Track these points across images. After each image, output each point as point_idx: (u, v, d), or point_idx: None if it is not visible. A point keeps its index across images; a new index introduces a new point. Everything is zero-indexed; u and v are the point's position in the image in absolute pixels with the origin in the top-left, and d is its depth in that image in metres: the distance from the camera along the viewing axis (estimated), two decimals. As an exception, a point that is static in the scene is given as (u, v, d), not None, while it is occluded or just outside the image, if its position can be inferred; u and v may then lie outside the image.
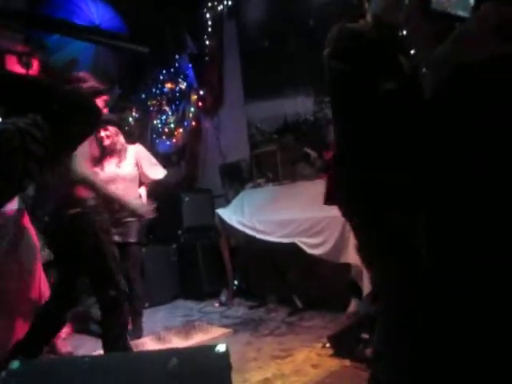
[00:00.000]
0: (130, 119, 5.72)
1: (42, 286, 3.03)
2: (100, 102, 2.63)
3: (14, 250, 2.90)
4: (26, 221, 3.05)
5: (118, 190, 3.27)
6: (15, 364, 1.26)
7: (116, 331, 2.35)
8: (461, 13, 1.45)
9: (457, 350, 1.36)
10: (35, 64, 5.20)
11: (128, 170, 3.42)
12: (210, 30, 5.19)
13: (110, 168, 3.36)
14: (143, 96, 5.95)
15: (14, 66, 5.15)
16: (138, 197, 3.41)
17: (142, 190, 3.53)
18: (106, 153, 3.37)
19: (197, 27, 5.30)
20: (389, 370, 1.57)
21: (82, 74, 2.71)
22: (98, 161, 3.29)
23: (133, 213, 2.80)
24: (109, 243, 2.46)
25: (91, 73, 4.97)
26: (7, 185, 0.71)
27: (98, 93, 2.56)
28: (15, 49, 5.14)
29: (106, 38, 5.01)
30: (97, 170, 3.20)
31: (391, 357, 1.58)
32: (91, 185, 2.45)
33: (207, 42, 5.23)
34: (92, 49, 5.16)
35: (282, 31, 4.34)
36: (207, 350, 1.28)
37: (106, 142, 3.35)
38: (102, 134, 3.36)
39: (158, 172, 3.60)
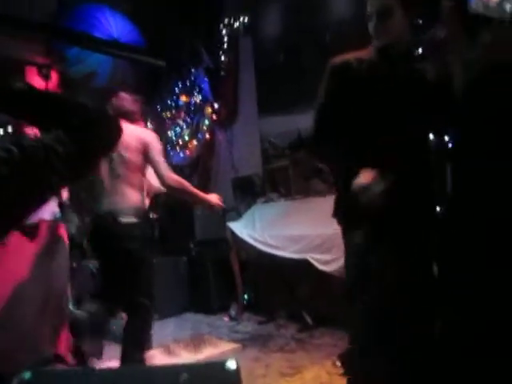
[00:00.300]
0: (145, 131, 5.79)
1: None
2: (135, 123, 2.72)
3: (49, 260, 2.93)
4: (62, 231, 3.09)
5: None
6: (26, 374, 1.26)
7: (140, 339, 2.41)
8: (497, 15, 1.46)
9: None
10: (54, 76, 5.31)
11: None
12: (226, 45, 5.26)
13: None
14: (158, 108, 6.02)
15: (34, 78, 5.27)
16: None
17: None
18: None
19: (213, 42, 5.38)
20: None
21: (122, 95, 2.79)
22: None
23: (210, 206, 2.70)
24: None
25: (109, 84, 5.09)
26: (31, 199, 0.73)
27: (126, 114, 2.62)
28: (35, 60, 5.26)
29: (124, 51, 5.11)
30: None
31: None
32: (185, 187, 2.58)
33: (223, 57, 5.29)
34: (110, 61, 5.26)
35: (296, 47, 4.38)
36: (217, 366, 1.26)
37: None
38: None
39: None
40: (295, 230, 3.53)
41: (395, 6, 1.65)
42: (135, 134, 2.50)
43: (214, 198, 2.64)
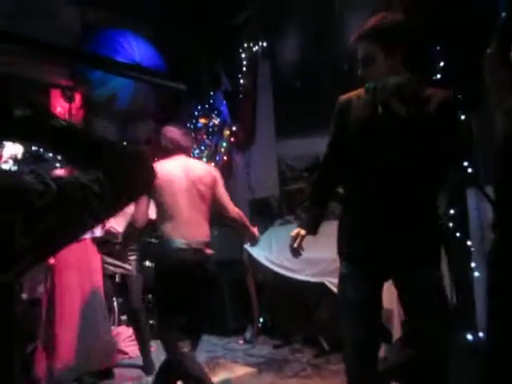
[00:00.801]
0: (164, 152, 5.88)
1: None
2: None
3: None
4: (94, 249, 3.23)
5: (119, 221, 3.42)
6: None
7: None
8: None
9: None
10: (78, 98, 5.46)
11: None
12: (244, 68, 5.36)
13: None
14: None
15: (58, 99, 5.43)
16: None
17: None
18: None
19: (232, 66, 5.48)
20: None
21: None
22: None
23: (254, 238, 2.86)
24: None
25: (130, 107, 5.20)
26: (63, 234, 0.75)
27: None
28: (60, 83, 5.42)
29: (145, 75, 5.24)
30: None
31: None
32: (244, 219, 2.74)
33: (242, 80, 5.38)
34: (132, 85, 5.39)
35: (315, 72, 4.44)
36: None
37: None
38: None
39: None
40: (312, 253, 3.48)
41: (376, 52, 1.74)
42: (205, 168, 2.69)
43: (256, 231, 2.82)
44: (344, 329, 1.88)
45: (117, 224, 3.44)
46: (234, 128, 5.47)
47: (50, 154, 4.89)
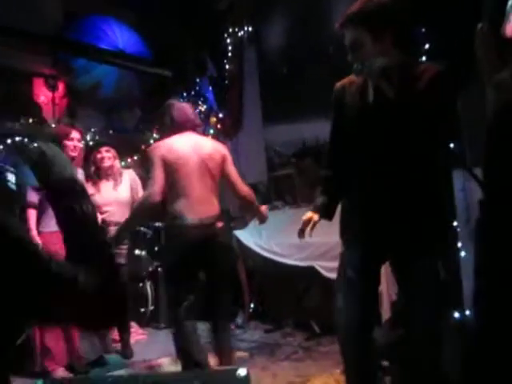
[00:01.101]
0: (151, 140, 5.82)
1: None
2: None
3: None
4: None
5: (114, 213, 3.40)
6: (39, 382, 1.28)
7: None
8: None
9: None
10: (61, 86, 5.38)
11: (124, 194, 3.52)
12: (230, 54, 5.30)
13: (107, 191, 3.46)
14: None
15: (41, 88, 5.34)
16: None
17: None
18: (102, 175, 3.45)
19: (218, 51, 5.42)
20: None
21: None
22: (95, 182, 3.39)
23: (263, 217, 2.81)
24: None
25: (114, 95, 5.14)
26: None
27: None
28: (43, 71, 5.32)
29: (129, 62, 5.17)
30: (93, 192, 3.32)
31: None
32: (253, 198, 2.72)
33: (227, 66, 5.33)
34: (116, 73, 5.32)
35: (301, 57, 4.42)
36: (228, 373, 1.28)
37: (107, 164, 3.44)
38: (105, 154, 3.45)
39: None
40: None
41: (363, 36, 1.73)
42: (214, 145, 2.69)
43: (265, 210, 2.80)
44: (340, 308, 1.91)
45: (111, 214, 3.42)
46: (220, 115, 5.43)
47: (35, 145, 4.84)
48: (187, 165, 2.44)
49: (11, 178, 0.99)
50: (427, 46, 3.03)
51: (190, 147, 2.50)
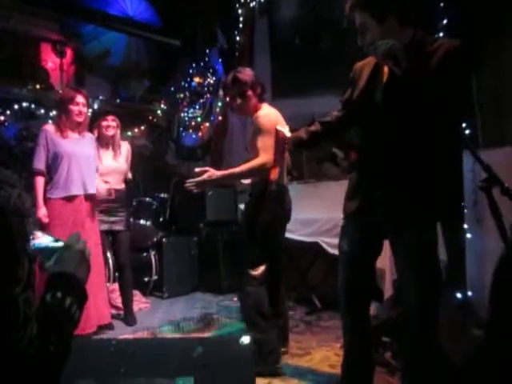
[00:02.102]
0: (158, 111, 5.79)
1: None
2: None
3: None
4: None
5: (112, 182, 3.43)
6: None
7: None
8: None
9: None
10: (69, 53, 5.31)
11: (123, 165, 3.56)
12: (241, 25, 5.20)
13: (107, 160, 3.48)
14: (172, 89, 6.00)
15: (48, 54, 5.27)
16: (123, 190, 3.56)
17: None
18: (103, 143, 3.47)
19: (228, 22, 5.32)
20: None
21: None
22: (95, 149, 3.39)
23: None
24: None
25: (123, 64, 5.08)
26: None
27: None
28: (50, 37, 5.25)
29: (138, 30, 5.08)
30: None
31: None
32: None
33: (238, 38, 5.23)
34: (124, 40, 5.24)
35: (313, 30, 4.31)
36: (232, 340, 1.29)
37: (111, 133, 3.44)
38: (110, 123, 3.44)
39: (130, 174, 3.73)
40: (307, 214, 3.52)
41: (368, 21, 1.74)
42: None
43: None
44: (339, 280, 1.96)
45: (111, 183, 3.43)
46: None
47: (42, 111, 4.82)
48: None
49: None
50: (445, 22, 2.95)
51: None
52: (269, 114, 2.52)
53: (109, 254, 3.71)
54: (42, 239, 1.02)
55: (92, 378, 1.16)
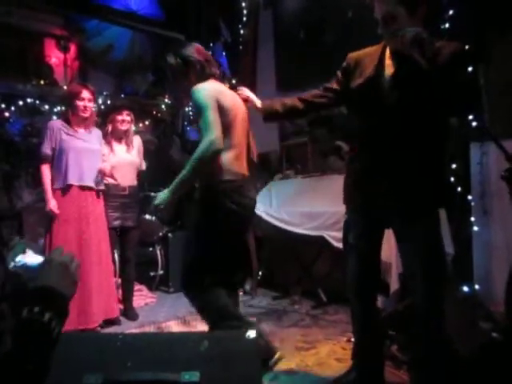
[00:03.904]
0: (163, 106, 5.77)
1: None
2: None
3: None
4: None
5: (126, 175, 3.44)
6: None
7: None
8: None
9: None
10: (73, 48, 5.31)
11: (136, 158, 3.57)
12: (245, 18, 5.16)
13: (121, 153, 3.48)
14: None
15: (52, 49, 5.27)
16: (136, 185, 3.56)
17: None
18: (116, 137, 3.47)
19: (232, 15, 5.28)
20: None
21: None
22: (109, 142, 3.40)
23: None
24: None
25: (127, 58, 5.06)
26: None
27: None
28: (54, 32, 5.25)
29: (142, 24, 5.06)
30: (107, 151, 3.38)
31: None
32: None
33: (242, 31, 5.20)
34: (128, 35, 5.23)
35: (318, 22, 4.27)
36: (238, 334, 1.28)
37: (125, 127, 3.45)
38: (126, 117, 3.45)
39: (144, 165, 3.72)
40: (312, 207, 3.52)
41: (398, 11, 1.70)
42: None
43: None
44: (348, 272, 1.97)
45: (124, 176, 3.43)
46: (233, 81, 5.34)
47: (46, 107, 4.82)
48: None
49: None
50: (451, 13, 2.92)
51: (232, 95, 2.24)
52: (207, 88, 2.06)
53: (115, 250, 3.71)
54: (31, 258, 1.01)
55: (99, 373, 1.16)
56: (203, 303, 2.09)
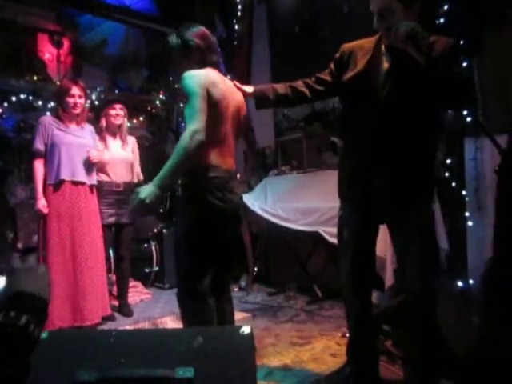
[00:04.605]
0: (157, 101, 5.74)
1: None
2: None
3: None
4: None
5: (121, 172, 3.42)
6: (43, 334, 1.28)
7: None
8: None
9: None
10: (66, 43, 5.26)
11: (129, 155, 3.54)
12: (239, 14, 5.14)
13: (115, 149, 3.45)
14: (170, 78, 5.94)
15: (45, 45, 5.23)
16: (131, 182, 3.52)
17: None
18: (110, 132, 3.44)
19: (227, 11, 5.25)
20: None
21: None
22: (103, 138, 3.37)
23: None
24: None
25: (121, 54, 5.02)
26: None
27: None
28: (47, 27, 5.20)
29: (136, 19, 5.02)
30: (101, 146, 3.34)
31: None
32: None
33: (236, 27, 5.17)
34: (122, 30, 5.19)
35: (313, 17, 4.26)
36: (232, 330, 1.28)
37: (118, 121, 3.42)
38: (119, 111, 3.42)
39: (140, 175, 3.64)
40: (307, 203, 3.51)
41: (395, 6, 1.69)
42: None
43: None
44: (341, 270, 1.98)
45: (119, 173, 3.42)
46: (228, 76, 5.31)
47: (40, 103, 4.78)
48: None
49: None
50: (446, 8, 2.91)
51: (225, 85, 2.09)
52: (200, 75, 1.92)
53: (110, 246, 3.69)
54: None
55: (93, 369, 1.15)
56: (190, 312, 1.96)
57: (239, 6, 5.08)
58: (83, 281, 2.96)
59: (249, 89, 2.12)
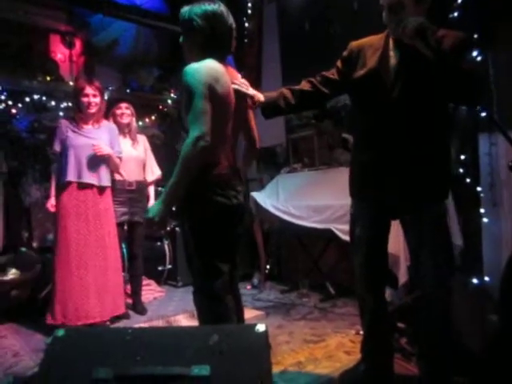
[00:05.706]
0: (169, 100, 5.76)
1: None
2: None
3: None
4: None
5: (133, 170, 3.44)
6: (60, 332, 1.30)
7: None
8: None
9: None
10: (78, 44, 5.30)
11: (141, 154, 3.56)
12: (249, 11, 5.12)
13: (126, 147, 3.45)
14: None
15: (57, 45, 5.27)
16: (144, 181, 3.57)
17: (151, 190, 3.67)
18: (119, 131, 3.44)
19: (236, 9, 5.23)
20: None
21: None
22: None
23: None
24: None
25: (132, 53, 5.04)
26: None
27: None
28: (59, 28, 5.24)
29: (147, 18, 5.03)
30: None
31: None
32: None
33: (246, 24, 5.16)
34: (133, 30, 5.21)
35: (323, 14, 4.23)
36: (247, 328, 1.28)
37: (126, 120, 3.44)
38: (124, 111, 3.43)
39: (156, 171, 3.69)
40: (319, 201, 3.50)
41: (407, 0, 1.68)
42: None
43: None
44: (355, 267, 1.98)
45: (131, 171, 3.44)
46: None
47: (53, 103, 4.82)
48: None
49: None
50: (460, 1, 2.87)
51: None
52: (203, 70, 1.77)
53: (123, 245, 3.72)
54: None
55: (109, 367, 1.16)
56: (206, 312, 1.91)
57: (249, 4, 5.07)
58: (86, 279, 2.97)
59: (260, 96, 2.04)
